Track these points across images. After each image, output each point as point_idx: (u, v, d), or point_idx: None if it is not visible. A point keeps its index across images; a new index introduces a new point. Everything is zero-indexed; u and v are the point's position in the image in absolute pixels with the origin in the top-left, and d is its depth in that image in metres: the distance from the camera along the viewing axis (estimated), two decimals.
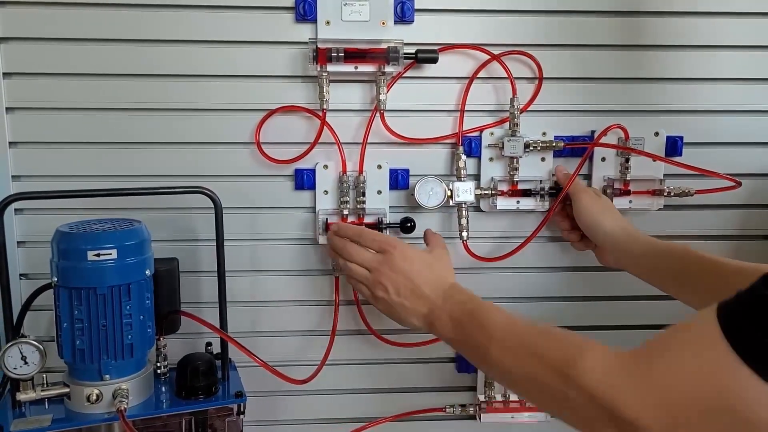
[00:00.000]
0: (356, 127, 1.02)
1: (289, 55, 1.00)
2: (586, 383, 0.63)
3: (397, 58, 0.96)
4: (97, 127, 0.99)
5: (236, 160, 1.02)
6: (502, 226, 1.08)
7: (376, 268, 0.89)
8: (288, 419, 1.11)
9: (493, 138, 1.04)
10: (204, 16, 0.98)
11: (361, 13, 0.98)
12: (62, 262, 0.81)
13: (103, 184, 0.98)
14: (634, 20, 1.03)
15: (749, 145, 1.07)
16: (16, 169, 0.99)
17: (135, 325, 0.84)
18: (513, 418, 1.10)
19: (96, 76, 0.98)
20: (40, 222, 0.99)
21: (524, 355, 0.72)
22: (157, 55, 0.98)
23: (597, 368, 0.63)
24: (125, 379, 0.85)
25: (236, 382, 0.94)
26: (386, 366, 1.11)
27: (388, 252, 0.89)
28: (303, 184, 1.03)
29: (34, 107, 0.98)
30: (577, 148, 1.05)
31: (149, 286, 0.86)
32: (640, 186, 1.04)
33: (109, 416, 0.84)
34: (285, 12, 0.99)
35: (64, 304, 0.82)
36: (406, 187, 1.05)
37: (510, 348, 0.75)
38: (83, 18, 0.96)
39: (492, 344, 0.76)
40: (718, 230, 1.09)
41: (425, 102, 1.03)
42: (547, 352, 0.70)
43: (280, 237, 1.05)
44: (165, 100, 1.00)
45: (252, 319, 1.07)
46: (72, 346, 0.83)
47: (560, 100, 1.04)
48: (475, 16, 1.01)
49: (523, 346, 0.73)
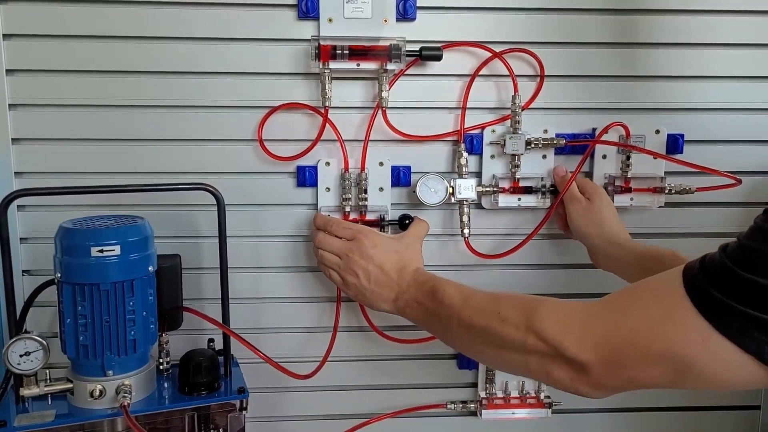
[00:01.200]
0: (358, 124, 1.03)
1: (292, 53, 1.00)
2: (541, 327, 0.70)
3: (399, 56, 0.97)
4: (99, 124, 1.00)
5: (239, 157, 1.02)
6: (504, 224, 1.08)
7: (347, 255, 0.93)
8: (290, 415, 1.12)
9: (495, 135, 1.04)
10: (207, 14, 0.98)
11: (363, 11, 0.98)
12: (65, 258, 0.81)
13: (105, 180, 0.99)
14: (636, 18, 1.03)
15: (750, 143, 1.08)
16: (18, 166, 0.99)
17: (138, 321, 0.84)
18: (514, 414, 1.11)
19: (98, 73, 0.98)
20: (42, 218, 1.00)
21: (485, 318, 0.77)
22: (160, 52, 0.98)
23: (552, 315, 0.70)
24: (128, 375, 0.85)
25: (238, 378, 0.94)
26: (388, 362, 1.12)
27: (358, 239, 0.93)
28: (305, 181, 1.03)
29: (36, 104, 0.98)
30: (579, 146, 1.05)
31: (152, 283, 0.87)
32: (641, 183, 1.05)
33: (112, 412, 0.84)
34: (287, 9, 0.99)
35: (68, 300, 0.82)
36: (407, 185, 1.05)
37: (470, 316, 0.79)
38: (85, 15, 0.96)
39: (452, 317, 0.81)
40: (718, 228, 1.10)
41: (427, 99, 1.03)
42: (506, 310, 0.75)
43: (282, 234, 1.06)
44: (168, 97, 1.00)
45: (254, 315, 1.07)
46: (75, 342, 0.83)
47: (562, 98, 1.04)
48: (477, 13, 1.01)
49: (483, 311, 0.78)
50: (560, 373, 0.69)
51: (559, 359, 0.68)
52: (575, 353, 0.66)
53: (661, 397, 1.16)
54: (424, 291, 0.87)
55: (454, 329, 0.81)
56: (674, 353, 0.60)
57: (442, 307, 0.83)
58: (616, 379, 0.66)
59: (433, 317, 0.85)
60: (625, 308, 0.66)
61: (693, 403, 1.17)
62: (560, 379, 0.69)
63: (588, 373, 0.66)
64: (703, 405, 1.17)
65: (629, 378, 0.65)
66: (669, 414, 1.17)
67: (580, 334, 0.67)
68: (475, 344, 0.79)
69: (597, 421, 1.16)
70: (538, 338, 0.70)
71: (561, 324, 0.69)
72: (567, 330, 0.68)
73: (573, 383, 0.68)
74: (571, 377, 0.68)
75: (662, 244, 1.07)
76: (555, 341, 0.68)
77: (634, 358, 0.63)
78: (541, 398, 1.10)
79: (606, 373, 0.66)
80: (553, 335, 0.68)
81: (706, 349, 0.58)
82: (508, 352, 0.74)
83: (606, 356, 0.65)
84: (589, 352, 0.66)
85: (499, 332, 0.74)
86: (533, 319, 0.71)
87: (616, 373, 0.65)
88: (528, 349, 0.71)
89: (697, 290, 0.59)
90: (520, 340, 0.71)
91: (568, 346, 0.67)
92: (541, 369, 0.71)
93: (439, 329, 0.86)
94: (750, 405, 1.17)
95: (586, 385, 0.68)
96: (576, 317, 0.69)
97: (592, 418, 1.16)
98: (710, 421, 1.18)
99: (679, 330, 0.60)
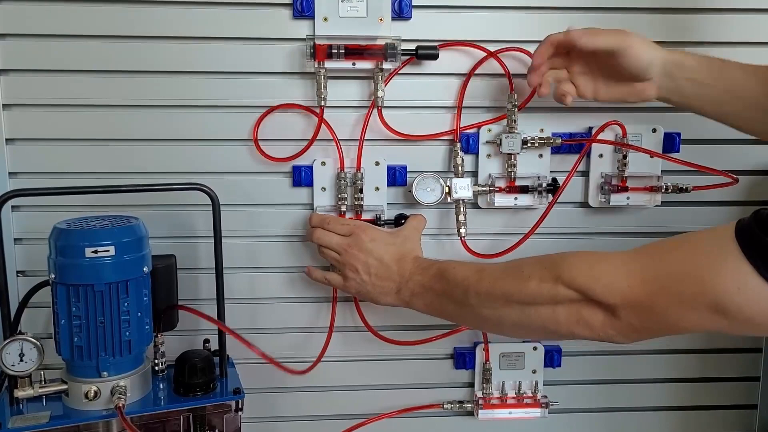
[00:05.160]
0: (354, 123, 1.02)
1: (287, 52, 1.00)
2: (570, 276, 0.71)
3: (395, 55, 0.96)
4: (94, 124, 0.99)
5: (234, 157, 1.02)
6: (500, 223, 1.08)
7: (346, 250, 0.93)
8: (286, 416, 1.11)
9: (491, 135, 1.04)
10: (201, 13, 0.98)
11: (358, 10, 0.98)
12: (60, 258, 0.81)
13: (100, 180, 0.99)
14: (631, 16, 1.03)
15: (746, 142, 1.07)
16: (13, 166, 0.99)
17: (133, 321, 0.84)
18: (510, 414, 1.10)
19: (92, 73, 0.98)
20: (37, 219, 0.99)
21: (507, 281, 0.78)
22: (155, 52, 0.98)
23: (579, 263, 0.72)
24: (123, 376, 0.85)
25: (234, 378, 0.94)
26: (383, 362, 1.11)
27: (356, 234, 0.94)
28: (301, 181, 1.03)
29: (30, 104, 0.98)
30: (575, 145, 1.05)
31: (147, 283, 0.86)
32: (637, 182, 1.05)
33: (108, 413, 0.83)
34: (282, 8, 0.99)
35: (62, 301, 0.81)
36: (404, 184, 1.05)
37: (489, 285, 0.80)
38: (79, 14, 0.96)
39: (468, 291, 0.81)
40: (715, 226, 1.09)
41: (423, 98, 1.03)
42: (528, 268, 0.77)
43: (277, 234, 1.05)
44: (162, 96, 0.99)
45: (250, 315, 1.07)
46: (70, 343, 0.82)
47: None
48: (473, 12, 1.01)
49: (503, 276, 0.79)
50: (591, 317, 0.70)
51: (591, 304, 0.70)
52: (606, 297, 0.68)
53: (660, 397, 1.16)
54: (430, 275, 0.87)
55: (471, 302, 0.81)
56: (712, 296, 0.62)
57: (454, 285, 0.83)
58: (648, 322, 0.67)
59: (445, 298, 0.85)
60: (666, 254, 0.68)
61: (691, 402, 1.17)
62: (591, 323, 0.70)
63: (619, 316, 0.68)
64: (701, 404, 1.17)
65: (662, 322, 0.66)
66: (667, 413, 1.17)
67: (612, 278, 0.69)
68: (497, 311, 0.79)
69: (594, 420, 1.16)
70: (567, 287, 0.71)
71: (590, 270, 0.71)
72: (597, 275, 0.70)
73: (604, 327, 0.70)
74: (602, 321, 0.70)
75: None
76: (585, 286, 0.69)
77: (669, 302, 0.65)
78: (538, 398, 1.10)
79: (638, 316, 0.67)
80: (584, 281, 0.70)
81: (744, 293, 0.61)
82: (536, 308, 0.75)
83: (639, 300, 0.66)
84: (621, 296, 0.67)
85: (525, 290, 0.75)
86: (560, 270, 0.72)
87: (649, 317, 0.67)
88: (558, 299, 0.72)
89: (747, 236, 0.61)
90: (549, 292, 0.73)
91: (599, 291, 0.68)
92: (571, 317, 0.72)
93: (453, 308, 0.86)
94: (747, 404, 1.17)
95: (617, 330, 0.69)
96: (606, 264, 0.71)
97: (588, 417, 1.16)
98: (708, 420, 1.18)
99: (721, 273, 0.62)
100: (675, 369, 1.15)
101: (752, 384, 1.16)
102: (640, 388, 1.16)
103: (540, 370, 1.11)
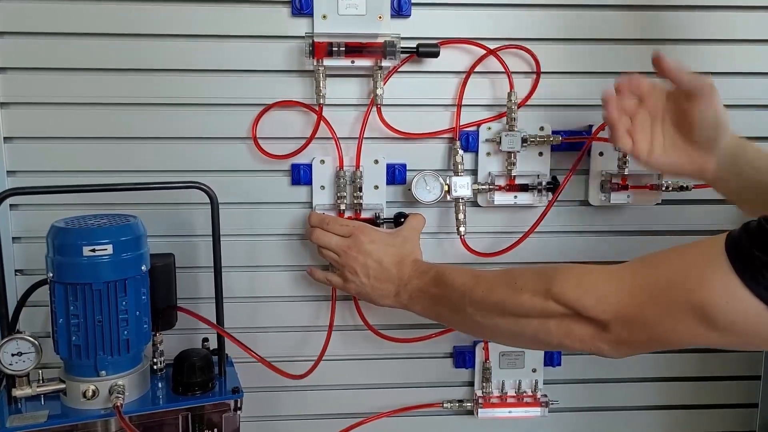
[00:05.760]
0: (353, 121, 1.02)
1: (286, 50, 0.99)
2: (560, 291, 0.71)
3: (394, 53, 0.96)
4: (92, 122, 0.99)
5: (232, 156, 1.02)
6: (500, 221, 1.07)
7: (345, 252, 0.93)
8: (285, 415, 1.11)
9: (491, 133, 1.03)
10: (200, 11, 0.97)
11: (357, 7, 0.98)
12: (58, 257, 0.80)
13: (98, 179, 0.98)
14: (632, 14, 1.03)
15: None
16: (11, 165, 0.99)
17: (131, 320, 0.83)
18: (510, 413, 1.10)
19: (91, 71, 0.98)
20: (35, 217, 0.99)
21: (501, 291, 0.78)
22: (153, 50, 0.98)
23: (570, 277, 0.72)
24: (121, 375, 0.84)
25: (233, 377, 0.93)
26: (383, 361, 1.11)
27: (355, 236, 0.93)
28: (300, 180, 1.03)
29: (28, 102, 0.98)
30: (575, 143, 1.04)
31: (145, 282, 0.86)
32: (638, 181, 1.04)
33: (106, 412, 0.83)
34: (281, 6, 0.98)
35: (60, 300, 0.81)
36: (403, 182, 1.04)
37: (484, 292, 0.80)
38: (78, 12, 0.96)
39: (464, 297, 0.81)
40: (715, 225, 1.09)
41: (422, 96, 1.03)
42: (522, 280, 0.77)
43: (276, 232, 1.05)
44: (161, 94, 0.99)
45: (249, 314, 1.07)
46: (68, 342, 0.82)
47: (558, 95, 1.04)
48: (472, 10, 1.01)
49: (498, 285, 0.79)
50: (581, 331, 0.70)
51: (580, 319, 0.70)
52: (596, 312, 0.68)
53: (661, 396, 1.16)
54: (428, 279, 0.88)
55: (467, 309, 0.81)
56: (700, 308, 0.62)
57: (451, 290, 0.84)
58: (638, 335, 0.67)
59: (441, 303, 0.86)
60: (655, 266, 0.68)
61: (692, 401, 1.17)
62: (581, 337, 0.70)
63: (609, 330, 0.68)
64: (702, 403, 1.17)
65: (651, 335, 0.66)
66: (667, 412, 1.17)
67: (601, 293, 0.69)
68: (491, 320, 0.79)
69: (594, 419, 1.16)
70: (557, 302, 0.71)
71: (580, 285, 0.71)
72: (586, 290, 0.70)
73: (594, 341, 0.70)
74: (592, 335, 0.70)
75: (658, 242, 1.07)
76: (575, 302, 0.69)
77: (659, 314, 0.65)
78: (538, 397, 1.10)
79: (628, 329, 0.67)
80: (573, 296, 0.70)
81: (733, 306, 0.60)
82: (528, 320, 0.75)
83: (628, 313, 0.66)
84: (610, 310, 0.67)
85: (518, 301, 0.75)
86: (551, 284, 0.72)
87: (639, 330, 0.67)
88: (548, 314, 0.72)
89: (737, 250, 0.61)
90: (540, 306, 0.73)
91: (588, 306, 0.68)
92: (562, 330, 0.72)
93: (449, 313, 0.86)
94: (748, 403, 1.17)
95: (607, 343, 0.69)
96: (596, 278, 0.71)
97: (588, 416, 1.16)
98: (709, 419, 1.17)
99: (711, 286, 0.62)
100: (676, 368, 1.15)
101: (753, 383, 1.15)
102: (641, 387, 1.15)
103: (540, 369, 1.11)
